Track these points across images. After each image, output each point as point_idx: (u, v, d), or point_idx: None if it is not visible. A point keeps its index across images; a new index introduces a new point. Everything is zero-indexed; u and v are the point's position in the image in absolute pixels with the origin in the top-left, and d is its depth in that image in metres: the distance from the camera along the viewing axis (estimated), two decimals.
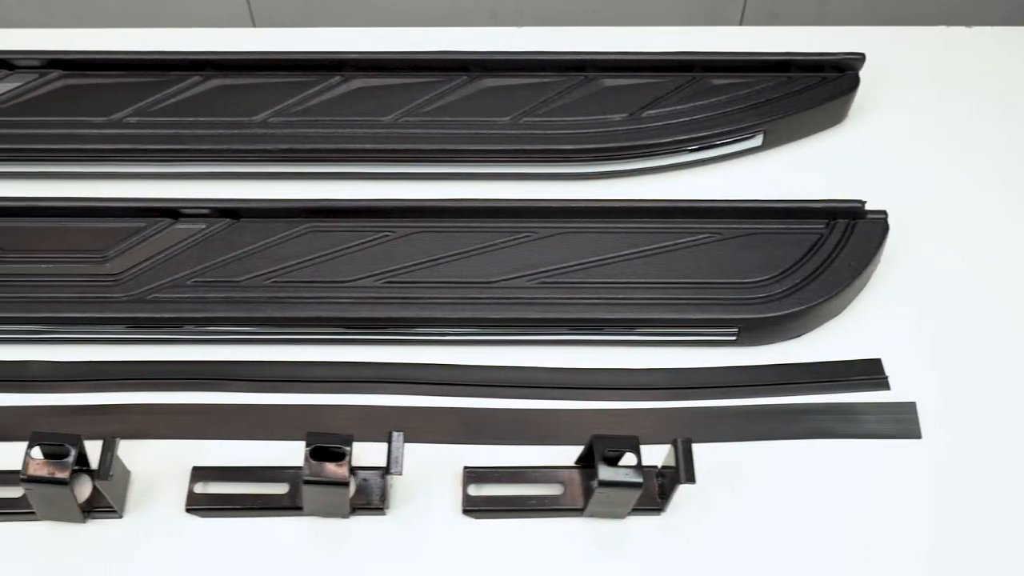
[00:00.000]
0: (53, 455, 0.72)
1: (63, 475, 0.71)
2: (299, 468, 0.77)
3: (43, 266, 0.85)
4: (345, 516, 0.77)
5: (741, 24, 1.73)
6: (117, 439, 0.72)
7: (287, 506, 0.77)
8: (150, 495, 0.78)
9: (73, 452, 0.72)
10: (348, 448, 0.72)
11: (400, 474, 0.71)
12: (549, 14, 1.63)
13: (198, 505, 0.77)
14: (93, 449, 0.73)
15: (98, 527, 0.76)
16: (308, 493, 0.73)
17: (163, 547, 0.76)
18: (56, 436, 0.72)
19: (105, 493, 0.74)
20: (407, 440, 0.73)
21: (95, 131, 0.93)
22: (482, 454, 0.80)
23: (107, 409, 0.82)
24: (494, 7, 1.68)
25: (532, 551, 0.76)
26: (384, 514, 0.77)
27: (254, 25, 1.52)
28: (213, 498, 0.77)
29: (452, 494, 0.78)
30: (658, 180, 0.95)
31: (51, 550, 0.75)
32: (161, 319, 0.83)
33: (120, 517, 0.77)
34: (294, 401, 0.82)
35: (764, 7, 1.72)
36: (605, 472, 0.71)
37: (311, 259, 0.85)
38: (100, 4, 1.13)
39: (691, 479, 0.71)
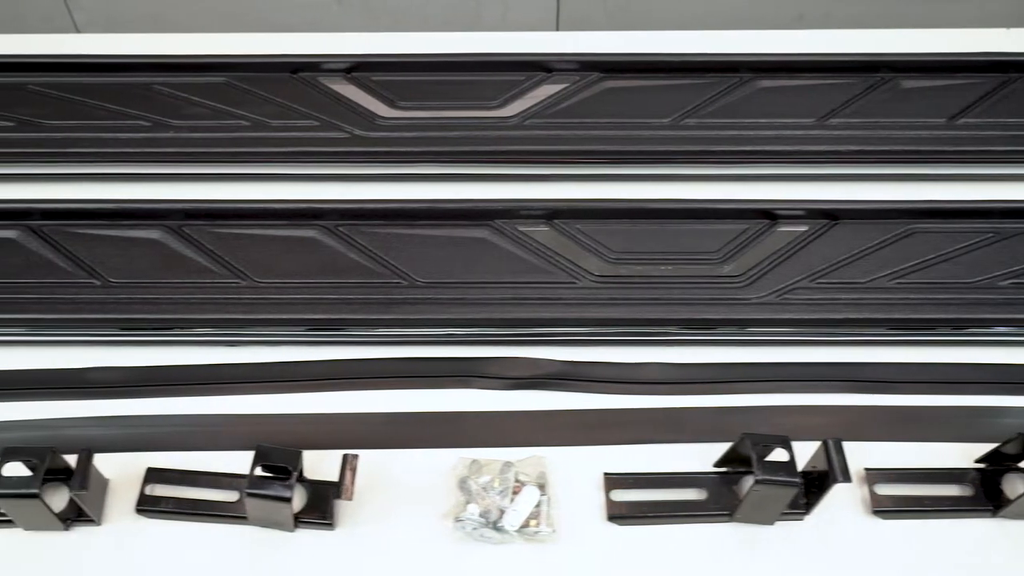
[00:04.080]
0: None
1: None
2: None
3: (663, 267, 0.86)
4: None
5: None
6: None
7: None
8: None
9: None
10: None
11: None
12: (851, 16, 1.63)
13: None
14: None
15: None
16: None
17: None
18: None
19: None
20: None
21: (655, 133, 0.94)
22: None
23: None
24: (801, 9, 1.69)
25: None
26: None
27: (556, 28, 1.50)
28: None
29: None
30: None
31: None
32: (796, 320, 0.83)
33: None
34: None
35: None
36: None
37: (925, 261, 0.86)
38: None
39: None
